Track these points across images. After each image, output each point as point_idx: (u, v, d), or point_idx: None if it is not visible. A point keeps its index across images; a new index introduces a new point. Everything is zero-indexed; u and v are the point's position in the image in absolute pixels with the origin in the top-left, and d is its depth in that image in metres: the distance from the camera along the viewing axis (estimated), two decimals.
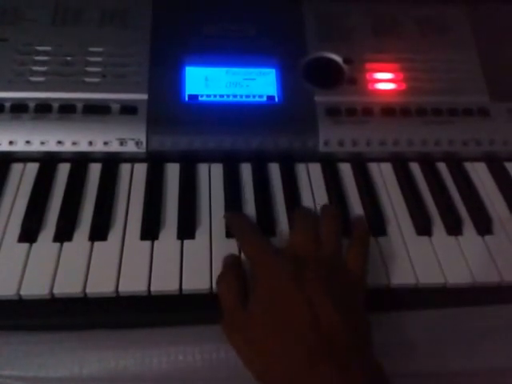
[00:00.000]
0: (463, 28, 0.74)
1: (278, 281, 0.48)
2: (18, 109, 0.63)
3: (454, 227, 0.60)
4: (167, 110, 0.65)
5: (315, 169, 0.66)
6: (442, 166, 0.67)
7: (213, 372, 0.50)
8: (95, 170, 0.63)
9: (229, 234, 0.58)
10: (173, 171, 0.64)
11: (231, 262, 0.55)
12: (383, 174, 0.66)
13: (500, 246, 0.59)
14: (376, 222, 0.60)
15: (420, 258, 0.57)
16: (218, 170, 0.64)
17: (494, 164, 0.68)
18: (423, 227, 0.60)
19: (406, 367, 0.50)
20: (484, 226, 0.61)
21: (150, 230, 0.57)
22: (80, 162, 0.63)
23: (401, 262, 0.57)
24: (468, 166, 0.68)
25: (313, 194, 0.63)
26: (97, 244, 0.56)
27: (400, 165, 0.67)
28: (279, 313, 0.47)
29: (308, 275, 0.48)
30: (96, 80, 0.66)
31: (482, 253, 0.58)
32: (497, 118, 0.68)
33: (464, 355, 0.51)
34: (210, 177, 0.64)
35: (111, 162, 0.64)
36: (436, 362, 0.51)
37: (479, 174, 0.67)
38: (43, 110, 0.63)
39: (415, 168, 0.67)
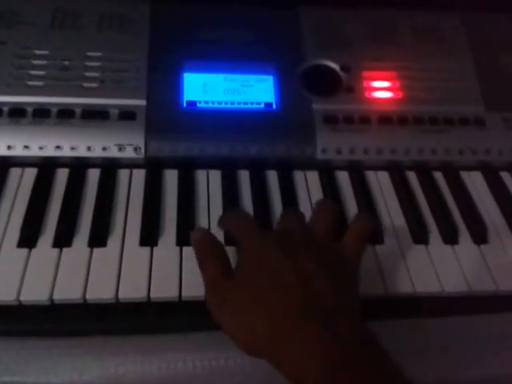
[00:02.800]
0: (460, 38, 0.75)
1: (266, 251, 0.49)
2: (16, 113, 0.63)
3: (450, 236, 0.61)
4: (165, 116, 0.65)
5: (313, 176, 0.66)
6: (438, 175, 0.68)
7: (212, 379, 0.50)
8: (94, 175, 0.63)
9: (228, 241, 0.58)
10: (171, 177, 0.64)
11: (211, 236, 0.54)
12: (380, 183, 0.67)
13: (495, 255, 0.59)
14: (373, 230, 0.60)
15: (417, 266, 0.58)
16: (216, 176, 0.65)
17: (490, 173, 0.69)
18: (420, 236, 0.61)
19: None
20: (480, 235, 0.61)
21: (149, 236, 0.57)
22: (78, 167, 0.63)
23: (397, 270, 0.57)
24: (464, 174, 0.68)
25: (310, 201, 0.63)
26: (96, 250, 0.56)
27: (397, 173, 0.67)
28: (266, 277, 0.47)
29: (298, 246, 0.48)
30: (94, 85, 0.66)
31: (477, 262, 0.59)
32: (492, 127, 0.69)
33: (461, 364, 0.52)
34: (209, 183, 0.64)
35: (110, 168, 0.64)
36: (431, 371, 0.51)
37: (475, 183, 0.68)
38: (41, 114, 0.63)
39: (412, 176, 0.68)
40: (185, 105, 0.66)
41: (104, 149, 0.63)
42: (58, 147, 0.62)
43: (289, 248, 0.48)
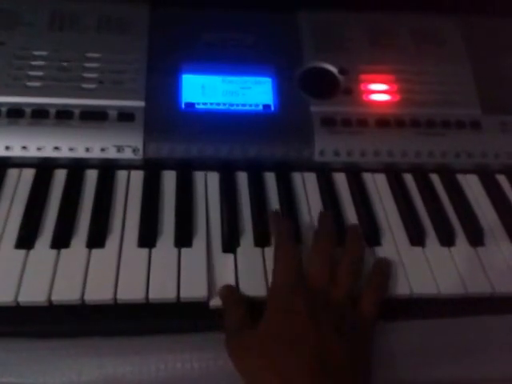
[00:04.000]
0: (457, 41, 0.75)
1: (292, 309, 0.50)
2: (15, 114, 0.63)
3: (446, 238, 0.61)
4: (164, 117, 0.65)
5: (310, 178, 0.66)
6: (434, 178, 0.69)
7: (211, 380, 0.50)
8: (92, 176, 0.63)
9: (225, 243, 0.58)
10: (169, 179, 0.64)
11: (235, 290, 0.55)
12: (377, 185, 0.67)
13: (491, 257, 0.60)
14: (370, 233, 0.61)
15: (413, 268, 0.58)
16: (214, 178, 0.65)
17: (486, 176, 0.69)
18: (417, 238, 0.61)
19: (397, 377, 0.51)
20: (476, 237, 0.62)
21: (148, 237, 0.57)
22: (77, 168, 0.63)
23: (394, 272, 0.57)
24: (460, 177, 0.69)
25: (308, 203, 0.64)
26: (94, 251, 0.56)
27: (394, 175, 0.68)
28: (290, 338, 0.48)
29: (319, 314, 0.49)
30: (93, 86, 0.66)
31: (474, 264, 0.59)
32: (488, 130, 0.70)
33: (457, 366, 0.52)
34: (207, 185, 0.64)
35: (108, 169, 0.64)
36: (428, 373, 0.52)
37: (471, 185, 0.68)
38: (40, 115, 0.63)
39: (409, 179, 0.68)
40: (183, 106, 0.67)
41: (102, 150, 0.63)
42: (56, 148, 0.62)
43: (315, 312, 0.49)
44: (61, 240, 0.56)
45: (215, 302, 0.53)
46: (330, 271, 0.54)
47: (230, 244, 0.58)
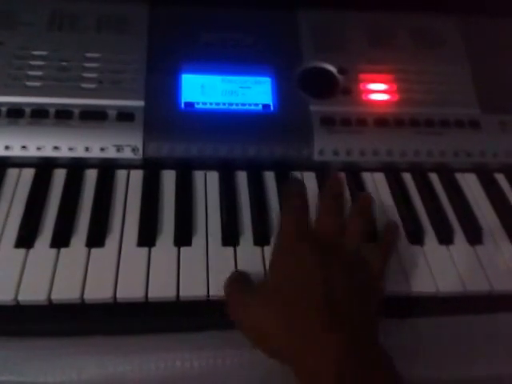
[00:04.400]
0: (456, 41, 0.75)
1: (301, 258, 0.49)
2: (14, 114, 0.63)
3: (445, 237, 0.61)
4: (164, 117, 0.65)
5: (310, 177, 0.67)
6: (433, 177, 0.69)
7: (210, 378, 0.51)
8: (91, 176, 0.63)
9: (225, 242, 0.58)
10: (169, 178, 0.64)
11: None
12: (376, 184, 0.67)
13: (490, 256, 0.60)
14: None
15: (412, 266, 0.58)
16: (213, 177, 0.65)
17: (485, 175, 0.69)
18: (415, 236, 0.61)
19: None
20: (474, 235, 0.62)
21: (147, 236, 0.57)
22: (76, 167, 0.63)
23: (393, 270, 0.57)
24: (459, 176, 0.69)
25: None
26: (94, 250, 0.56)
27: (393, 175, 0.68)
28: (296, 284, 0.48)
29: (333, 261, 0.49)
30: (92, 86, 0.66)
31: (472, 262, 0.59)
32: (487, 130, 0.70)
33: (460, 364, 0.52)
34: (206, 184, 0.64)
35: (107, 169, 0.64)
36: (431, 370, 0.52)
37: (470, 184, 0.68)
38: (39, 115, 0.63)
39: (407, 178, 0.68)
40: (183, 106, 0.67)
41: (102, 149, 0.63)
42: (55, 148, 0.62)
43: (323, 261, 0.49)
44: (60, 239, 0.56)
45: (214, 291, 0.54)
46: (339, 219, 0.54)
47: (230, 243, 0.58)
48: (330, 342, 0.44)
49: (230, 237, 0.58)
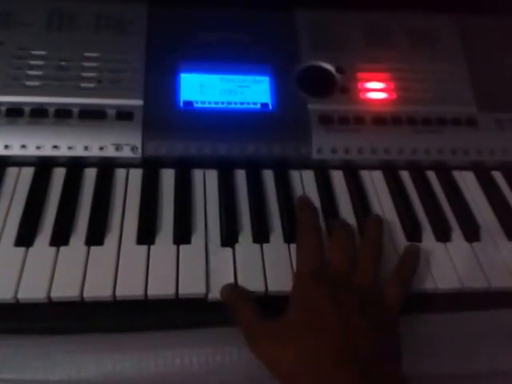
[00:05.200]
0: (453, 39, 0.76)
1: (316, 296, 0.50)
2: (14, 113, 0.63)
3: (442, 234, 0.62)
4: (163, 116, 0.66)
5: (308, 176, 0.67)
6: (431, 175, 0.69)
7: (209, 375, 0.51)
8: (91, 174, 0.63)
9: (224, 240, 0.58)
10: (168, 177, 0.64)
11: (239, 288, 0.55)
12: (374, 182, 0.67)
13: (487, 253, 0.60)
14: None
15: None
16: (212, 176, 0.65)
17: (482, 173, 0.70)
18: (413, 234, 0.61)
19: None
20: (472, 233, 0.62)
21: (147, 234, 0.58)
22: (76, 166, 0.64)
23: (391, 268, 0.57)
24: (456, 174, 0.69)
25: None
26: (93, 248, 0.56)
27: (391, 173, 0.68)
28: (311, 320, 0.49)
29: (343, 299, 0.50)
30: (92, 85, 0.66)
31: (470, 259, 0.59)
32: (484, 128, 0.70)
33: (451, 360, 0.52)
34: (205, 183, 0.64)
35: (107, 167, 0.64)
36: (422, 367, 0.52)
37: (467, 182, 0.69)
38: (39, 114, 0.64)
39: (405, 176, 0.69)
40: (182, 105, 0.67)
41: (101, 148, 0.63)
42: (55, 147, 0.63)
43: (337, 299, 0.49)
44: (60, 237, 0.56)
45: (213, 294, 0.54)
46: (351, 257, 0.55)
47: (229, 241, 0.58)
48: (342, 379, 0.45)
49: (229, 235, 0.59)
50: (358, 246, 0.57)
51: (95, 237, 0.57)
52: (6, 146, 0.62)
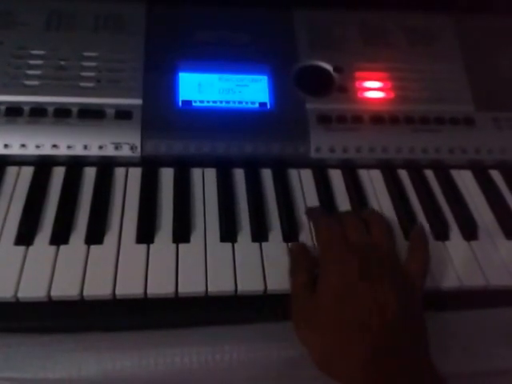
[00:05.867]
0: (450, 39, 0.76)
1: (345, 277, 0.50)
2: (13, 112, 0.63)
3: (440, 232, 0.62)
4: (161, 115, 0.66)
5: (307, 174, 0.67)
6: (429, 173, 0.69)
7: (208, 374, 0.51)
8: (90, 173, 0.64)
9: (223, 238, 0.59)
10: (167, 176, 0.65)
11: (307, 250, 0.57)
12: (372, 181, 0.68)
13: (486, 251, 0.61)
14: None
15: None
16: (211, 174, 0.65)
17: (480, 171, 0.70)
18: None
19: None
20: (470, 231, 0.63)
21: (146, 233, 0.58)
22: (75, 165, 0.64)
23: None
24: (454, 173, 0.70)
25: (304, 199, 0.64)
26: (93, 247, 0.56)
27: (389, 171, 0.68)
28: (346, 305, 0.49)
29: (377, 272, 0.50)
30: (91, 85, 0.66)
31: (468, 257, 0.60)
32: (482, 127, 0.70)
33: (450, 358, 0.53)
34: (204, 182, 0.65)
35: (106, 166, 0.64)
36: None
37: (465, 181, 0.69)
38: (38, 113, 0.64)
39: (403, 175, 0.69)
40: (180, 104, 0.67)
41: (100, 147, 0.63)
42: (54, 146, 0.63)
43: (368, 273, 0.50)
44: (60, 236, 0.57)
45: (213, 288, 0.54)
46: (366, 234, 0.56)
47: (228, 239, 0.58)
48: (380, 366, 0.45)
49: (228, 233, 0.59)
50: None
51: (95, 236, 0.57)
52: (6, 146, 0.62)
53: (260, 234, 0.59)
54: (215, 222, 0.60)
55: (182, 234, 0.58)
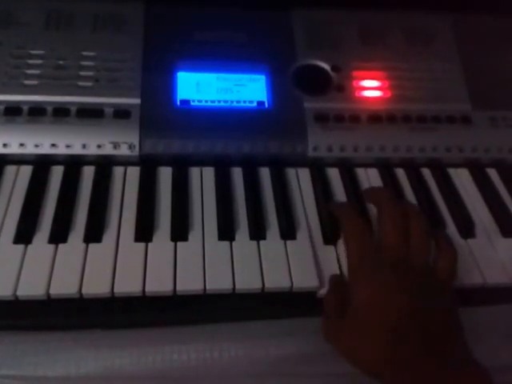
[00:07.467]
0: (447, 38, 0.76)
1: (378, 292, 0.50)
2: (12, 112, 0.64)
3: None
4: (160, 114, 0.66)
5: (304, 173, 0.67)
6: (426, 172, 0.70)
7: (207, 370, 0.51)
8: (89, 172, 0.64)
9: (221, 237, 0.59)
10: (165, 174, 0.65)
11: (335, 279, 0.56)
12: (370, 179, 0.68)
13: (483, 249, 0.61)
14: None
15: None
16: (209, 173, 0.66)
17: (477, 170, 0.70)
18: None
19: None
20: (467, 229, 0.63)
21: (144, 232, 0.58)
22: (74, 164, 0.64)
23: None
24: (451, 171, 0.70)
25: (302, 197, 0.65)
26: (91, 246, 0.56)
27: (386, 170, 0.69)
28: (380, 311, 0.49)
29: (404, 284, 0.50)
30: (89, 84, 0.67)
31: (465, 256, 0.60)
32: (479, 125, 0.71)
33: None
34: (202, 180, 0.65)
35: (104, 165, 0.64)
36: None
37: (462, 179, 0.69)
38: (37, 113, 0.64)
39: (400, 173, 0.69)
40: (178, 103, 0.67)
41: (99, 146, 0.64)
42: (53, 145, 0.63)
43: (402, 283, 0.50)
44: (58, 235, 0.57)
45: (211, 286, 0.54)
46: (405, 239, 0.54)
47: (226, 238, 0.59)
48: (420, 367, 0.46)
49: (226, 232, 0.59)
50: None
51: (93, 234, 0.57)
52: (5, 145, 0.62)
53: (258, 232, 0.60)
54: (213, 220, 0.60)
55: (180, 232, 0.58)
